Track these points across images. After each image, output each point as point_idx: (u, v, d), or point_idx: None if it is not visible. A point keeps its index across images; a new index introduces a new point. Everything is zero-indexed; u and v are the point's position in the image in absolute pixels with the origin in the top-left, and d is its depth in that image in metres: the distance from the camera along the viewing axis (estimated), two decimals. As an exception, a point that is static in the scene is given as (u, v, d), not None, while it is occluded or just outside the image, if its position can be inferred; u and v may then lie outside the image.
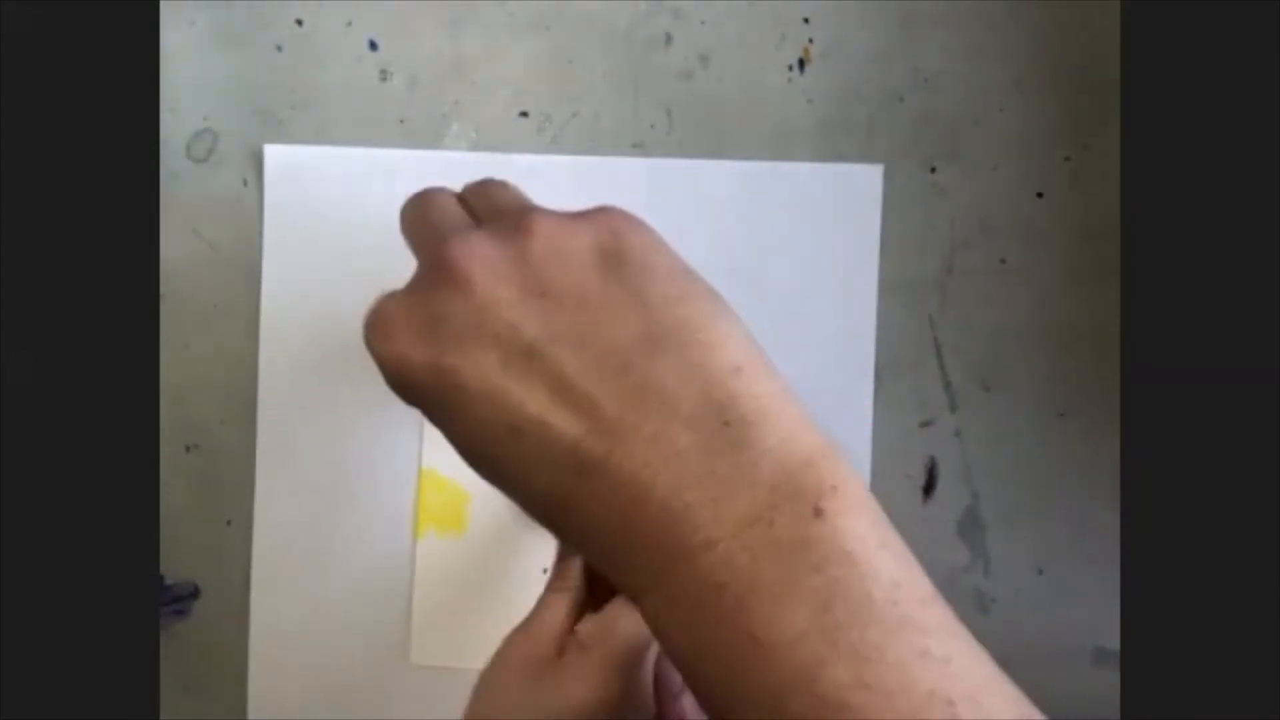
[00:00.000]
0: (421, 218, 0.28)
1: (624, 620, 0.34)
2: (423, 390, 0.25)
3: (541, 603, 0.36)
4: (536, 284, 0.24)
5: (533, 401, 0.23)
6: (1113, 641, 0.40)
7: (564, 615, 0.35)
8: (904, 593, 0.21)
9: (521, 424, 0.23)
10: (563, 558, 0.37)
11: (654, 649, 0.35)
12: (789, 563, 0.21)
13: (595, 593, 0.36)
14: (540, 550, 0.40)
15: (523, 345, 0.24)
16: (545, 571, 0.39)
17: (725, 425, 0.22)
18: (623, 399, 0.23)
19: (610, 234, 0.25)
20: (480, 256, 0.24)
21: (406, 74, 0.41)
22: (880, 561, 0.21)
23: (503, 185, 0.29)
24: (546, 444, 0.23)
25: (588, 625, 0.35)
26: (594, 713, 0.32)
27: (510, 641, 0.35)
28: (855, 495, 0.22)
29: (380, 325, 0.25)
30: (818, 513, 0.21)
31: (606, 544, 0.23)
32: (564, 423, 0.23)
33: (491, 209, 0.28)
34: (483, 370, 0.24)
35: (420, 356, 0.24)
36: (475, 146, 0.41)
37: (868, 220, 0.40)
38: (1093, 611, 0.40)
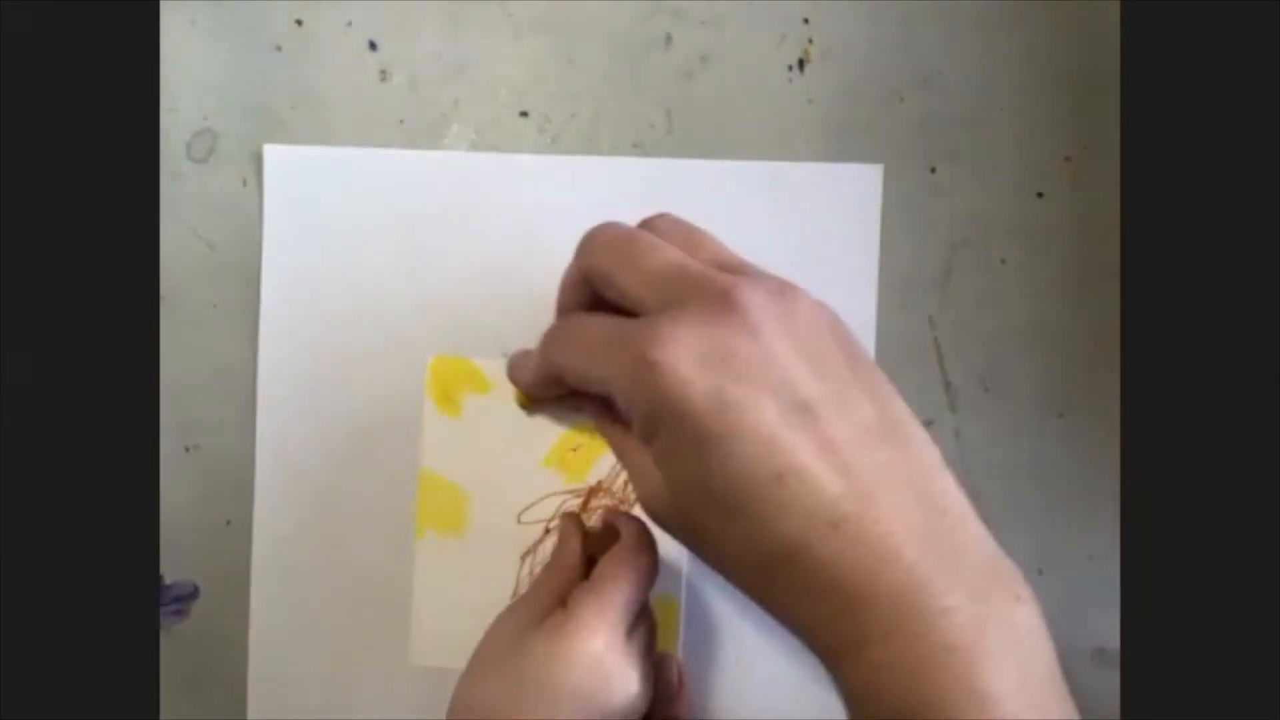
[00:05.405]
0: (659, 254, 0.29)
1: (610, 580, 0.34)
2: (695, 416, 0.26)
3: (535, 581, 0.36)
4: (805, 347, 0.27)
5: (802, 452, 0.26)
6: (1113, 641, 0.40)
7: (555, 594, 0.35)
8: (1059, 669, 0.25)
9: (786, 471, 0.25)
10: (563, 541, 0.37)
11: (637, 632, 0.35)
12: (1003, 635, 0.25)
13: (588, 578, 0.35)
14: (539, 551, 0.40)
15: (798, 399, 0.26)
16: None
17: (943, 513, 0.26)
18: (873, 470, 0.26)
19: (837, 320, 0.28)
20: (765, 307, 0.27)
21: (406, 74, 0.41)
22: (1050, 643, 0.26)
23: (703, 232, 0.32)
24: (807, 493, 0.25)
25: (575, 592, 0.34)
26: (578, 668, 0.32)
27: (498, 619, 0.35)
28: (1029, 588, 0.26)
29: (668, 344, 0.27)
30: (1018, 598, 0.25)
31: (837, 596, 0.25)
32: (827, 478, 0.25)
33: (715, 259, 0.30)
34: (762, 413, 0.26)
35: (704, 384, 0.26)
36: (475, 146, 0.41)
37: (868, 220, 0.40)
38: (1093, 611, 0.40)
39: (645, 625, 0.35)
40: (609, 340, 0.29)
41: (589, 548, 0.37)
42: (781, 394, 0.26)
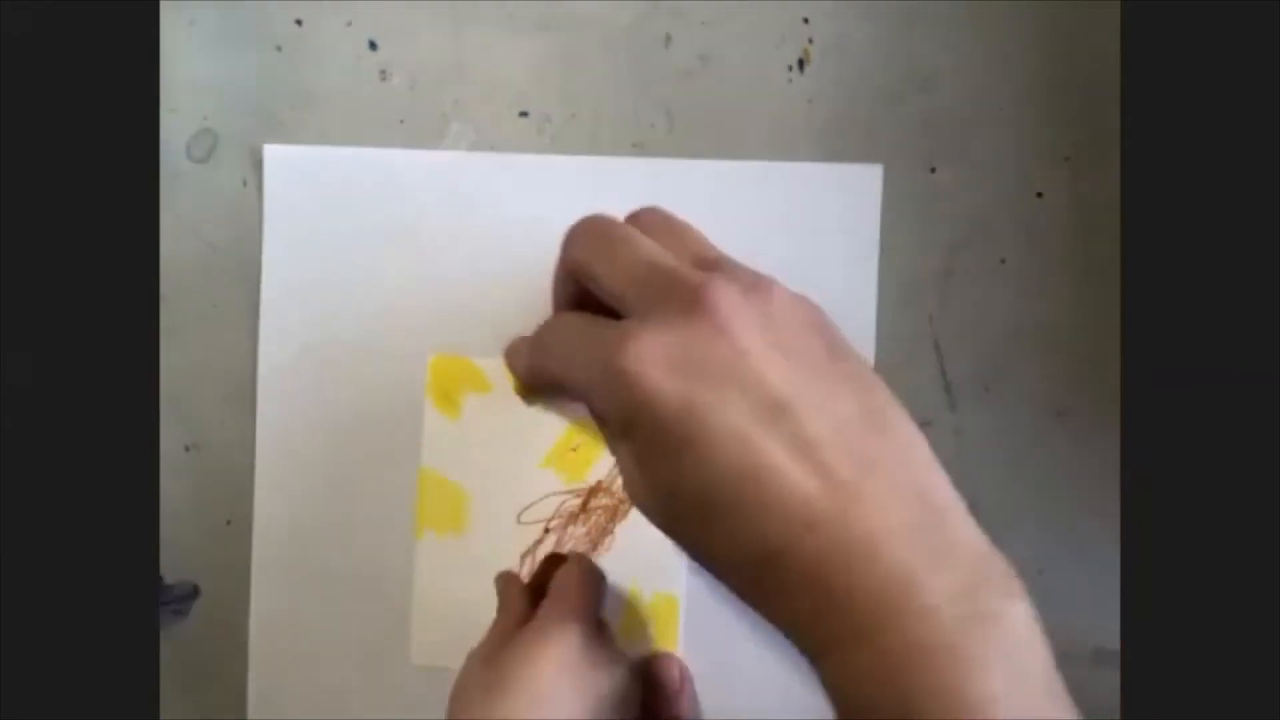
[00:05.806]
0: (635, 250, 0.29)
1: (567, 587, 0.35)
2: (665, 422, 0.25)
3: (491, 627, 0.37)
4: (779, 343, 0.26)
5: (776, 452, 0.25)
6: (1113, 641, 0.40)
7: (516, 622, 0.36)
8: (1055, 671, 0.25)
9: (761, 472, 0.25)
10: (507, 585, 0.38)
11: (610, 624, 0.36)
12: (992, 635, 0.24)
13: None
14: (539, 551, 0.40)
15: (771, 398, 0.25)
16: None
17: (929, 508, 0.25)
18: (853, 467, 0.25)
19: (817, 312, 0.27)
20: (736, 305, 0.26)
21: (406, 74, 0.41)
22: (1045, 643, 0.25)
23: (687, 226, 0.31)
24: (781, 494, 0.25)
25: (539, 609, 0.36)
26: (567, 656, 0.33)
27: (465, 665, 0.36)
28: (1022, 584, 0.25)
29: (635, 351, 0.26)
30: (1009, 595, 0.24)
31: (818, 595, 0.25)
32: (801, 478, 0.25)
33: (696, 255, 0.29)
34: (733, 415, 0.25)
35: (674, 388, 0.25)
36: (475, 146, 0.41)
37: (868, 220, 0.40)
38: (1093, 611, 0.40)
39: (609, 631, 0.36)
40: (584, 346, 0.29)
41: (535, 581, 0.38)
42: (753, 394, 0.25)
